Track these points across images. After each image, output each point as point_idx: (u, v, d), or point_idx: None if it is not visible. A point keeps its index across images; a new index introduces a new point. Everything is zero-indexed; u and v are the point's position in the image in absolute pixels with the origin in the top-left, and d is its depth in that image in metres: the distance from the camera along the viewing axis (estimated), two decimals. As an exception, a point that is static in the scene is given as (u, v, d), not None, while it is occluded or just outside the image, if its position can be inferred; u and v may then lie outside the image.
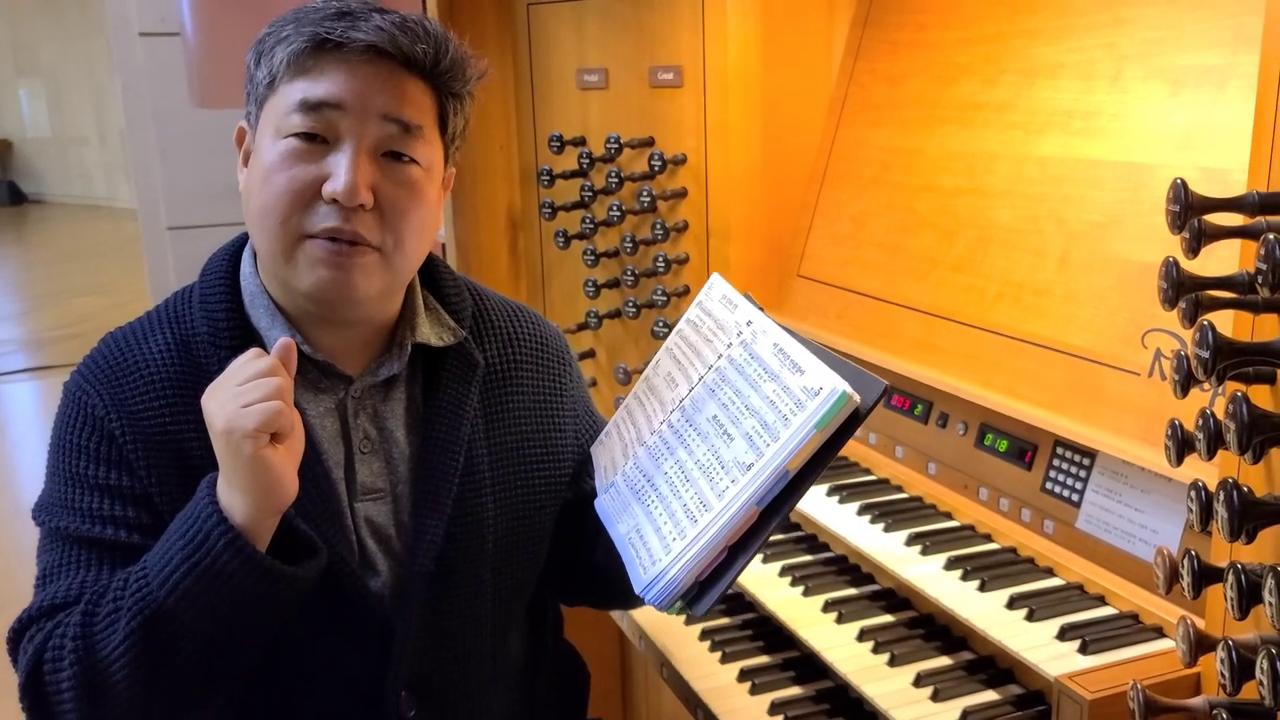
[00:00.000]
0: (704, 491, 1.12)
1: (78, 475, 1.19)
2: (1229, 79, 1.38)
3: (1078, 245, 1.55)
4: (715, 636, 1.56)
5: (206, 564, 1.06)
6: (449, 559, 1.28)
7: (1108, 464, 1.44)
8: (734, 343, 1.23)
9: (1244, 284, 0.98)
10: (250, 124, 1.24)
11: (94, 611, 1.11)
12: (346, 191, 1.14)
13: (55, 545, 1.20)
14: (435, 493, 1.27)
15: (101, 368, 1.22)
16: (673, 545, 1.11)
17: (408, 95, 1.18)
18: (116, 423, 1.18)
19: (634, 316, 2.25)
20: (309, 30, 1.16)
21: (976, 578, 1.45)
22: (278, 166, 1.16)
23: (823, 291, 2.05)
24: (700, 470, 1.15)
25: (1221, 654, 0.94)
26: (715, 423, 1.17)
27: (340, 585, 1.22)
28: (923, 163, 1.88)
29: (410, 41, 1.17)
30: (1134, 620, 1.35)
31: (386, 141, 1.18)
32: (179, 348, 1.22)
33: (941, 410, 1.74)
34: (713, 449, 1.15)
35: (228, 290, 1.25)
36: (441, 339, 1.31)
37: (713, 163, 2.09)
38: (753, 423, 1.12)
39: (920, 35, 1.96)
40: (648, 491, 1.21)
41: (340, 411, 1.26)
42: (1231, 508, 0.92)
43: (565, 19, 2.28)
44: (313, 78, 1.16)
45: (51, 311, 7.91)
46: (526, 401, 1.38)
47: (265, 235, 1.19)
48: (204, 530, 1.07)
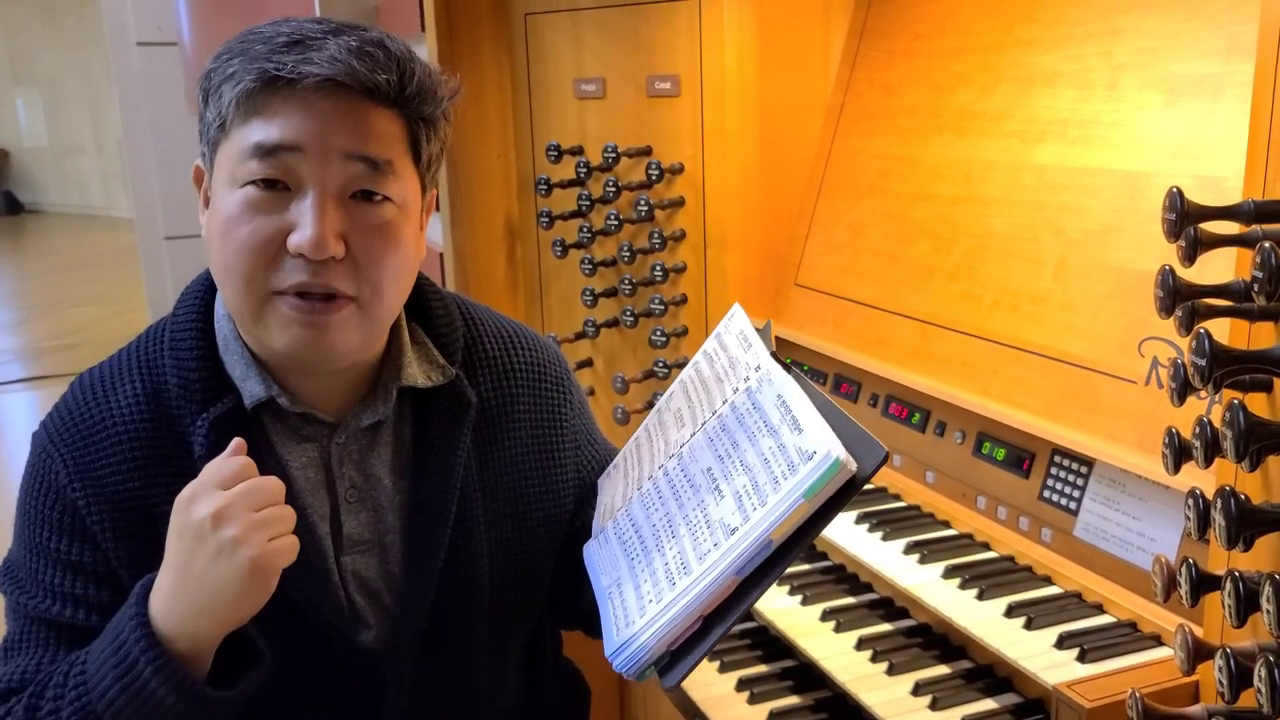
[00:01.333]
0: (686, 552, 1.05)
1: (41, 546, 1.14)
2: (1224, 88, 1.39)
3: (1074, 253, 1.55)
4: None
5: (137, 687, 1.00)
6: (442, 610, 1.22)
7: (1105, 472, 1.45)
8: (740, 388, 1.16)
9: (1240, 292, 0.98)
10: (206, 164, 1.14)
11: (37, 706, 1.06)
12: (313, 245, 1.04)
13: (18, 617, 1.16)
14: (427, 543, 1.20)
15: (68, 424, 1.15)
16: (648, 609, 1.04)
17: (373, 129, 1.07)
18: (79, 492, 1.12)
19: (632, 325, 2.25)
20: (257, 67, 1.04)
21: (975, 586, 1.45)
22: (236, 221, 1.06)
23: (820, 300, 2.06)
24: (687, 527, 1.08)
25: (1219, 662, 0.94)
26: (709, 475, 1.11)
27: (329, 644, 1.17)
28: (919, 171, 1.88)
29: (370, 70, 1.05)
30: (1132, 628, 1.35)
31: (353, 182, 1.07)
32: (148, 399, 1.14)
33: (939, 419, 1.74)
34: (702, 504, 1.08)
35: (199, 336, 1.16)
36: (430, 379, 1.22)
37: (710, 172, 2.10)
38: (744, 481, 1.05)
39: (917, 44, 1.96)
40: (635, 546, 1.15)
41: (324, 460, 1.19)
42: (1229, 515, 0.92)
43: (563, 29, 2.29)
44: (266, 118, 1.04)
45: (49, 321, 7.90)
46: (524, 437, 1.30)
47: (231, 294, 1.10)
48: (133, 654, 1.01)
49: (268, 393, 1.14)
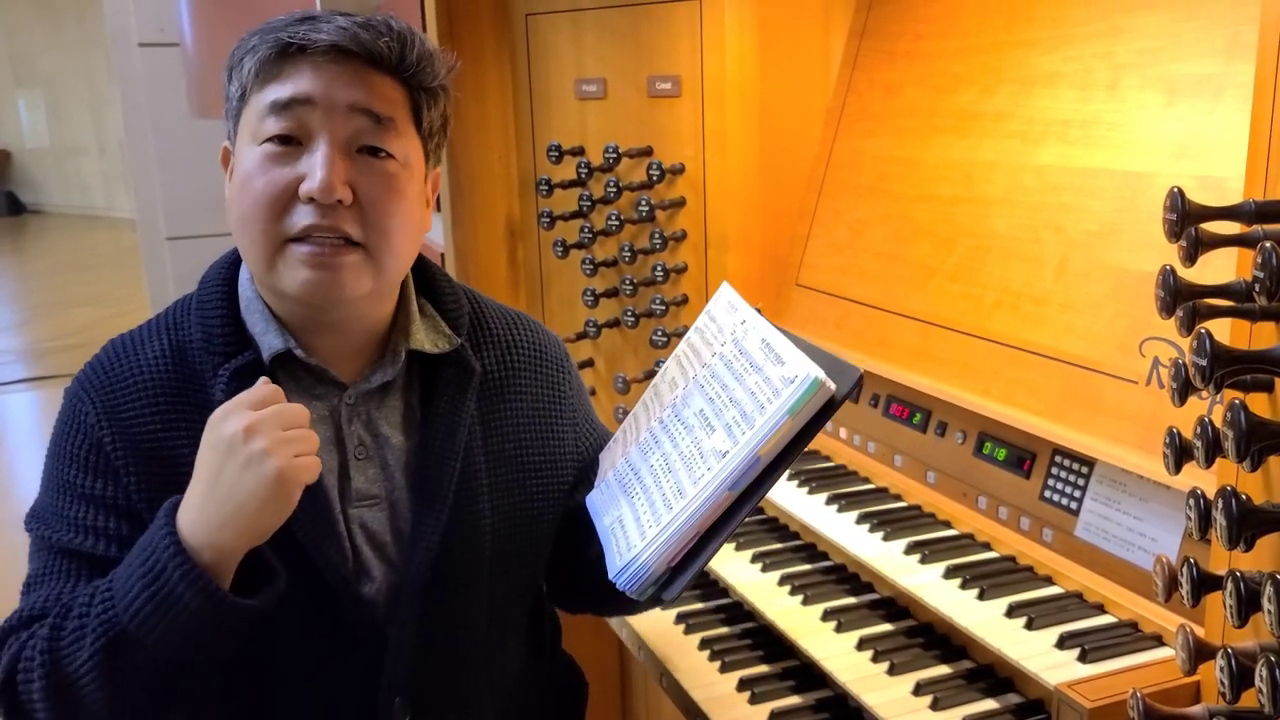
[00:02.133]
0: (682, 481, 1.14)
1: (67, 483, 1.21)
2: (1225, 88, 1.39)
3: (1075, 254, 1.55)
4: (714, 646, 1.56)
5: (164, 594, 1.06)
6: (445, 566, 1.28)
7: (1106, 472, 1.45)
8: (727, 340, 1.25)
9: (1241, 292, 0.98)
10: (231, 141, 1.24)
11: (61, 625, 1.12)
12: (322, 189, 1.13)
13: (41, 553, 1.22)
14: (431, 499, 1.26)
15: (99, 374, 1.23)
16: (648, 532, 1.13)
17: (375, 89, 1.18)
18: (106, 431, 1.19)
19: (633, 325, 2.25)
20: (273, 37, 1.17)
21: (975, 586, 1.45)
22: (254, 173, 1.16)
23: (821, 300, 2.06)
24: (682, 461, 1.17)
25: (1221, 662, 0.94)
26: (701, 416, 1.19)
27: (332, 593, 1.22)
28: (920, 172, 1.88)
29: (373, 38, 1.17)
30: (1133, 628, 1.35)
31: (359, 135, 1.17)
32: (174, 354, 1.23)
33: (940, 419, 1.74)
34: (695, 441, 1.17)
35: (224, 297, 1.26)
36: (437, 345, 1.30)
37: (711, 172, 2.10)
38: (734, 413, 1.14)
39: (917, 45, 1.96)
40: (633, 484, 1.23)
41: (334, 418, 1.26)
42: (1230, 516, 0.92)
43: (563, 29, 2.29)
44: (281, 81, 1.16)
45: (50, 322, 7.91)
46: (525, 409, 1.38)
47: (249, 243, 1.19)
48: (161, 561, 1.07)
49: (285, 345, 1.22)
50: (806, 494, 1.80)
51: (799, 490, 1.81)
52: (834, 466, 1.91)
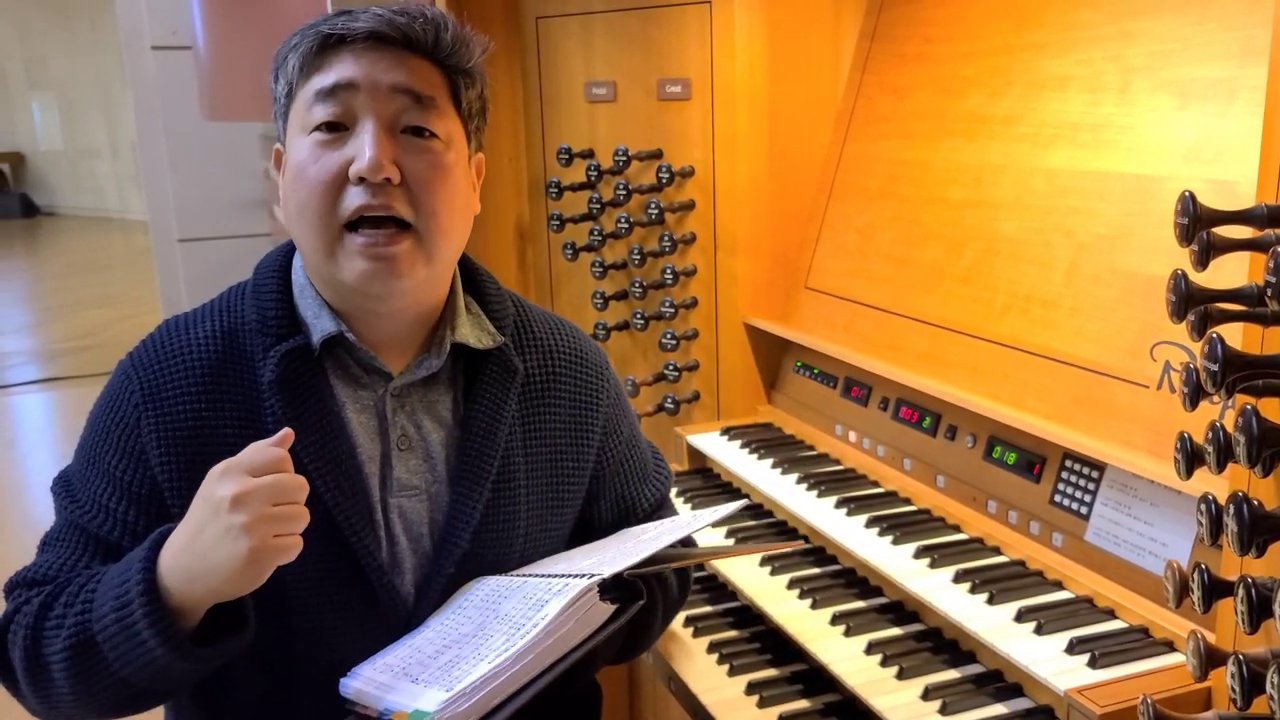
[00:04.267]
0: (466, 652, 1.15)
1: (98, 459, 1.24)
2: (1237, 91, 1.38)
3: (1085, 257, 1.54)
4: (723, 649, 1.56)
5: (128, 623, 1.09)
6: (474, 561, 1.29)
7: (1117, 477, 1.44)
8: (585, 574, 1.20)
9: (1253, 297, 0.98)
10: (282, 141, 1.27)
11: (50, 606, 1.16)
12: (371, 167, 1.16)
13: (61, 517, 1.26)
14: (469, 493, 1.28)
15: (149, 351, 1.26)
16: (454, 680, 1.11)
17: (414, 71, 1.21)
18: (145, 411, 1.21)
19: (642, 328, 2.25)
20: (312, 32, 1.21)
21: (985, 590, 1.45)
22: (306, 161, 1.20)
23: (830, 303, 2.06)
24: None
25: (1232, 668, 0.93)
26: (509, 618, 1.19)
27: (368, 581, 1.24)
28: (930, 175, 1.88)
29: (408, 23, 1.21)
30: (1144, 634, 1.34)
31: (402, 115, 1.20)
32: (224, 335, 1.25)
33: (950, 422, 1.73)
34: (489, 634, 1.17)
35: (279, 283, 1.28)
36: (481, 341, 1.32)
37: (720, 175, 2.10)
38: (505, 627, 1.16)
39: (927, 48, 1.96)
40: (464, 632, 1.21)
41: (379, 408, 1.28)
42: (1242, 521, 0.91)
43: (573, 33, 2.29)
44: (324, 71, 1.20)
45: (63, 323, 7.94)
46: (563, 414, 1.38)
47: (306, 232, 1.21)
48: (131, 593, 1.09)
49: (338, 328, 1.24)
50: (816, 497, 1.79)
51: (808, 494, 1.81)
52: (843, 470, 1.90)
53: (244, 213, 5.26)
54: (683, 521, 1.36)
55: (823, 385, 2.05)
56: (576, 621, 1.12)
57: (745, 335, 2.16)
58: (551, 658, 1.11)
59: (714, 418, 2.23)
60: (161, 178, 5.28)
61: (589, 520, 1.45)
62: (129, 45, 5.32)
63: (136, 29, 5.23)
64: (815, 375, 2.08)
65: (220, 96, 4.32)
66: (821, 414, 2.04)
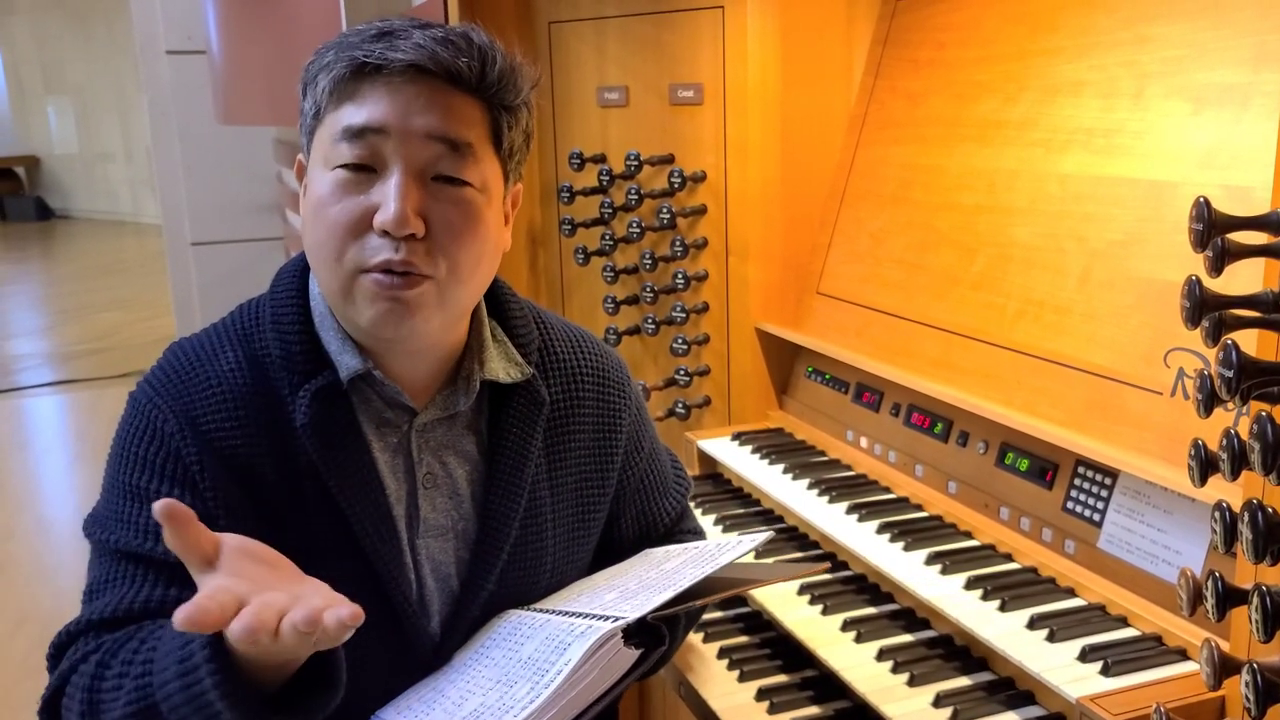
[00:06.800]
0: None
1: (137, 489, 1.15)
2: (1251, 97, 1.37)
3: (1099, 263, 1.54)
4: (733, 655, 1.55)
5: (195, 692, 0.97)
6: (501, 599, 1.26)
7: (1130, 484, 1.43)
8: (611, 616, 1.14)
9: (1268, 303, 0.97)
10: (305, 155, 1.21)
11: (107, 665, 1.07)
12: (395, 221, 1.09)
13: (104, 559, 1.16)
14: (497, 533, 1.25)
15: (172, 380, 1.18)
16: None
17: (454, 111, 1.12)
18: (186, 440, 1.15)
19: (653, 333, 2.25)
20: (348, 55, 1.11)
21: (997, 598, 1.44)
22: (327, 200, 1.13)
23: (842, 309, 2.05)
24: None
25: (1246, 677, 0.93)
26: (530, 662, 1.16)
27: (397, 621, 1.20)
28: (943, 180, 1.88)
29: (452, 56, 1.11)
30: (1157, 642, 1.33)
31: (435, 163, 1.12)
32: (251, 367, 1.19)
33: (962, 429, 1.73)
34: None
35: (299, 311, 1.21)
36: (509, 375, 1.26)
37: (732, 180, 2.10)
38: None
39: (940, 53, 1.96)
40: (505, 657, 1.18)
41: (404, 446, 1.23)
42: (1256, 529, 0.91)
43: (586, 37, 2.30)
44: (356, 103, 1.11)
45: (77, 326, 7.99)
46: (586, 440, 1.35)
47: (323, 271, 1.16)
48: (195, 658, 0.96)
49: (364, 366, 1.18)
50: (827, 503, 1.79)
51: (819, 499, 1.80)
52: (855, 476, 1.90)
53: (257, 217, 5.29)
54: (707, 552, 1.29)
55: (834, 391, 2.05)
56: (601, 669, 1.09)
57: (756, 340, 2.16)
58: (577, 708, 1.09)
59: (725, 423, 2.23)
60: (175, 181, 5.32)
61: (610, 538, 1.42)
62: (144, 50, 5.36)
63: (152, 34, 5.27)
64: (827, 381, 2.08)
65: (234, 101, 4.35)
66: (833, 419, 2.04)
